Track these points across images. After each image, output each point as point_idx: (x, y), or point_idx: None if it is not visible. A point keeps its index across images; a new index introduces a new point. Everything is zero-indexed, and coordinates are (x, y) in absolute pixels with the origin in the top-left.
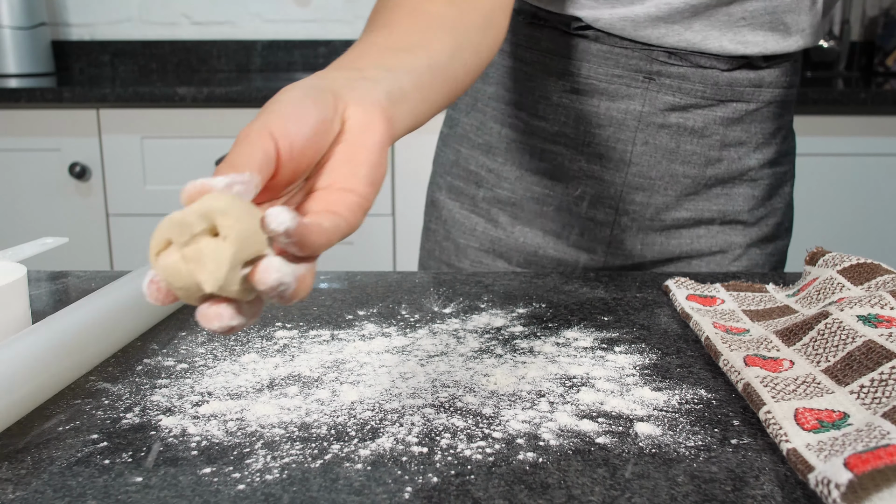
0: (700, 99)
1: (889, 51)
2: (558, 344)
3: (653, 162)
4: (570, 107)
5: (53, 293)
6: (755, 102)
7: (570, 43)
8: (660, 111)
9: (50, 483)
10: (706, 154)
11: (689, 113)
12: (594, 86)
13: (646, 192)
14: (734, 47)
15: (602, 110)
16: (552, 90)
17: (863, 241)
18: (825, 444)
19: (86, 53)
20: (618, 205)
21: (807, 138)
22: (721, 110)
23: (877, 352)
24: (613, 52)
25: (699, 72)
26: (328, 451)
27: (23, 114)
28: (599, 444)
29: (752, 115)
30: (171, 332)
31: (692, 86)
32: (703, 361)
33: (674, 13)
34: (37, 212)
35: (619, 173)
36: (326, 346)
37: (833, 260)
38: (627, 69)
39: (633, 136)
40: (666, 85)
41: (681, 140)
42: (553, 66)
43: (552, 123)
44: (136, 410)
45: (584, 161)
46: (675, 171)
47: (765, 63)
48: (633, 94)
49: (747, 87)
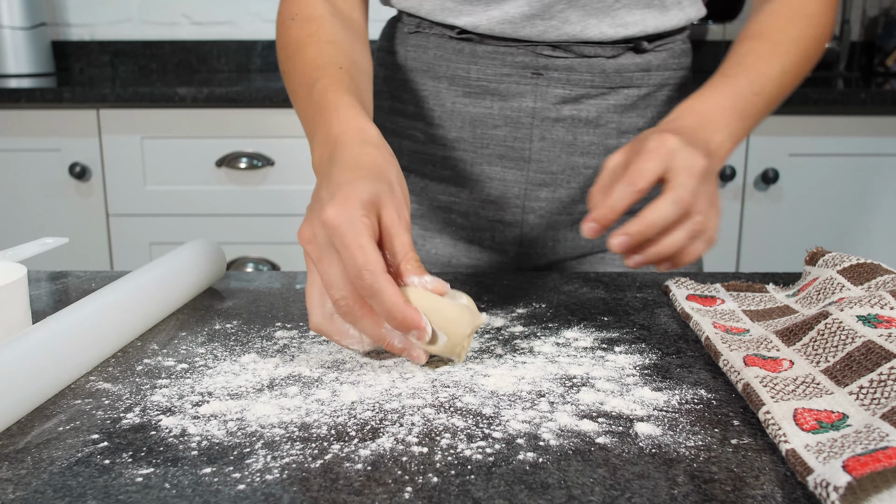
0: (590, 88)
1: (889, 51)
2: (558, 344)
3: (552, 157)
4: (464, 111)
5: (53, 293)
6: (646, 87)
7: (457, 47)
8: (552, 105)
9: (50, 483)
10: (604, 143)
11: (581, 104)
12: (485, 87)
13: (549, 188)
14: (615, 31)
15: (496, 111)
16: (445, 97)
17: (863, 242)
18: (824, 445)
19: (86, 54)
20: (524, 203)
21: (807, 138)
22: (613, 98)
23: (876, 352)
24: (499, 52)
25: (585, 62)
26: (328, 451)
27: (23, 114)
28: (599, 445)
29: (646, 100)
30: (171, 332)
31: (580, 76)
32: (703, 361)
33: (546, 8)
34: (37, 212)
35: (520, 172)
36: (326, 346)
37: (833, 260)
38: (515, 67)
39: (529, 133)
40: (555, 78)
41: (577, 132)
42: (443, 72)
43: (449, 130)
44: (137, 410)
45: (485, 164)
46: (576, 163)
47: (650, 46)
48: (524, 91)
49: (636, 73)
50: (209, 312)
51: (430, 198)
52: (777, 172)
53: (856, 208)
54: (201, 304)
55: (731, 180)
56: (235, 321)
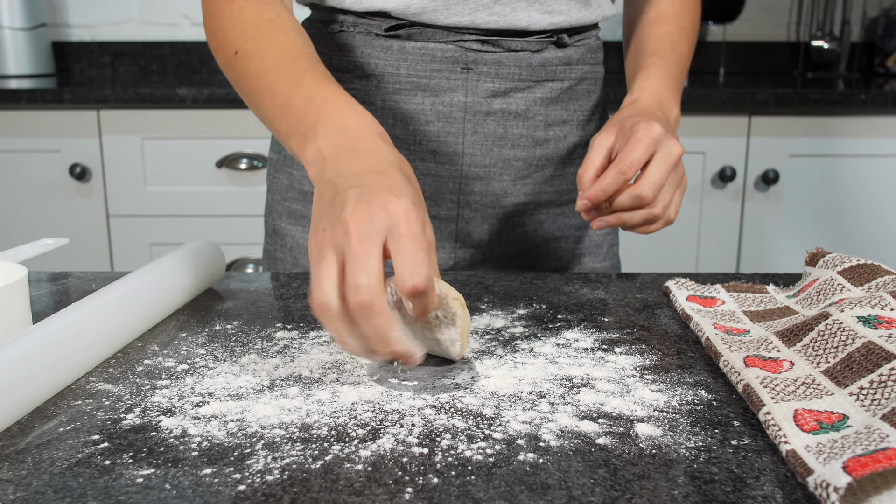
0: (518, 82)
1: (889, 52)
2: (559, 345)
3: (484, 150)
4: (395, 108)
5: (54, 294)
6: (568, 80)
7: (385, 45)
8: (483, 99)
9: (51, 484)
10: (532, 136)
11: (510, 98)
12: (416, 83)
13: (482, 181)
14: (542, 17)
15: (427, 106)
16: (374, 95)
17: (863, 242)
18: (824, 445)
19: (86, 54)
20: (458, 198)
21: (807, 139)
22: (539, 91)
23: (876, 353)
24: (429, 48)
25: (513, 56)
26: (329, 451)
27: (23, 115)
28: (600, 445)
29: (569, 93)
30: (171, 332)
31: (508, 70)
32: (703, 362)
33: None
34: (37, 213)
35: (454, 166)
36: (327, 346)
37: (833, 261)
38: (445, 62)
39: (462, 128)
40: (484, 73)
41: (507, 125)
42: (371, 70)
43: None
44: (137, 411)
45: (419, 160)
46: (507, 155)
47: (570, 40)
48: (455, 86)
49: (558, 66)
50: (209, 313)
51: None
52: (777, 173)
53: (856, 209)
54: (202, 304)
55: (732, 181)
56: (236, 322)
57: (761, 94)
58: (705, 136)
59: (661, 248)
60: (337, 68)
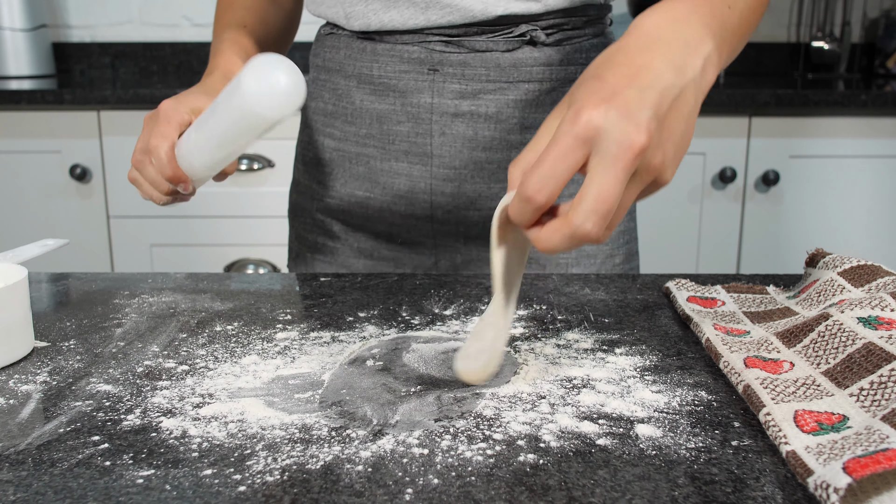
0: (486, 83)
1: (889, 53)
2: (559, 345)
3: (454, 152)
4: (371, 108)
5: (54, 295)
6: (549, 82)
7: (360, 46)
8: (450, 100)
9: (51, 485)
10: (506, 139)
11: (479, 99)
12: (387, 84)
13: (454, 183)
14: (496, 1)
15: (398, 107)
16: (355, 95)
17: (863, 243)
18: (824, 447)
19: (86, 55)
20: (431, 199)
21: (807, 140)
22: (513, 93)
23: (876, 354)
24: (396, 49)
25: (479, 56)
26: (329, 452)
27: (23, 116)
28: (600, 446)
29: (552, 96)
30: (171, 333)
31: (475, 71)
32: (703, 363)
33: None
34: (38, 214)
35: (424, 167)
36: (327, 347)
37: (833, 262)
38: (412, 63)
39: (429, 129)
40: (450, 74)
41: (477, 127)
42: (351, 70)
43: (360, 126)
44: (137, 412)
45: (393, 160)
46: (478, 158)
47: (547, 39)
48: (422, 87)
49: (535, 67)
50: (210, 314)
51: (349, 193)
52: (778, 174)
53: (856, 210)
54: (202, 305)
55: (732, 182)
56: (236, 323)
57: (761, 94)
58: (705, 137)
59: (661, 249)
60: (328, 69)
